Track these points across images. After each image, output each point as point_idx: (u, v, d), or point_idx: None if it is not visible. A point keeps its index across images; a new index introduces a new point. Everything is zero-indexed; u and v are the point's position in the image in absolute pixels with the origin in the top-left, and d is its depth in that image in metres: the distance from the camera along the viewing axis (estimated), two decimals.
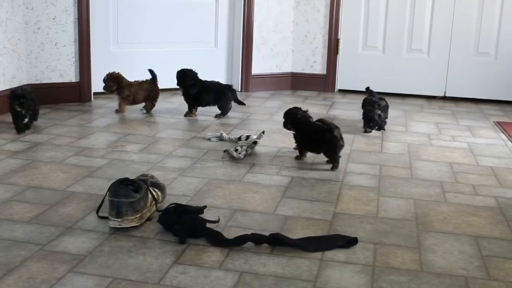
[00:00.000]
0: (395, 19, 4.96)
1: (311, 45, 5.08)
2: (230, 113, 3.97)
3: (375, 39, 5.03)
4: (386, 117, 3.80)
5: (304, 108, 3.12)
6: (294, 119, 3.05)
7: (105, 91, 3.98)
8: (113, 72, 3.96)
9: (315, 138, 2.94)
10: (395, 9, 4.95)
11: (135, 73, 4.55)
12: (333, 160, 2.92)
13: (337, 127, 2.93)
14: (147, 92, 4.02)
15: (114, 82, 3.92)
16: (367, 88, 4.10)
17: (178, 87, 3.99)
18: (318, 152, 2.99)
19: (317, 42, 5.06)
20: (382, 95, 4.92)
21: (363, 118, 3.74)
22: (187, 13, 4.72)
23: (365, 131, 3.69)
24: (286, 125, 3.10)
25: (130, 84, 3.98)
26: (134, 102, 4.01)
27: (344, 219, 2.28)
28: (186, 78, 3.90)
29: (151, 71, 4.06)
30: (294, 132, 3.08)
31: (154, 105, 4.08)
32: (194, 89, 3.88)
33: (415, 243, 2.09)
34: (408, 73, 5.01)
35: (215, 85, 3.94)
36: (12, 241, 1.98)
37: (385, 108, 3.79)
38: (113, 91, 3.94)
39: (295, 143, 3.08)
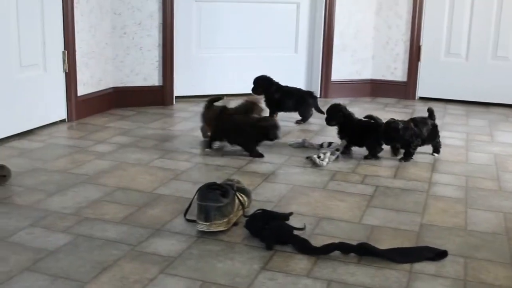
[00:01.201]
0: (480, 25, 4.83)
1: (392, 52, 5.01)
2: (310, 120, 3.97)
3: (458, 45, 4.91)
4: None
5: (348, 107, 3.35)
6: (339, 115, 3.25)
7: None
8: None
9: (360, 132, 3.19)
10: (480, 15, 4.82)
11: (215, 77, 4.63)
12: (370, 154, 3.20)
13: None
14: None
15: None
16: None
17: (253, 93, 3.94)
18: (361, 146, 3.22)
19: (399, 49, 4.99)
20: (465, 103, 4.84)
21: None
22: (268, 18, 4.75)
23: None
24: (330, 121, 3.29)
25: None
26: None
27: (432, 231, 2.23)
28: (268, 83, 3.91)
29: None
30: (338, 128, 3.28)
31: None
32: (277, 95, 3.89)
33: (508, 259, 2.02)
34: (493, 81, 4.86)
35: (296, 91, 3.95)
36: (105, 240, 2.04)
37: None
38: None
39: (340, 139, 3.26)
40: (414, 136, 3.09)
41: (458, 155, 3.33)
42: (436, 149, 3.28)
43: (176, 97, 4.46)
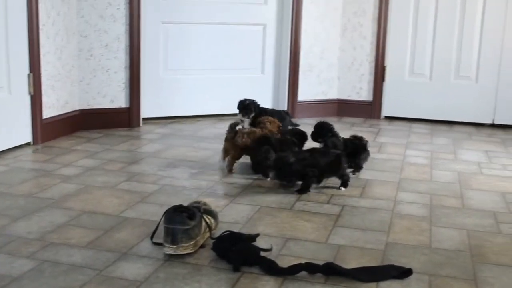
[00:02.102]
0: (443, 45, 4.93)
1: (357, 72, 5.08)
2: None
3: (422, 65, 5.01)
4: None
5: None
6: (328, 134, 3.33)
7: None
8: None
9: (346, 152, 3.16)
10: (442, 35, 4.93)
11: (182, 99, 4.64)
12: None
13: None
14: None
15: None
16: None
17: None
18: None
19: (364, 69, 5.07)
20: (429, 122, 4.93)
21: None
22: (235, 40, 4.78)
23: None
24: (317, 138, 3.36)
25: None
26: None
27: (397, 249, 2.26)
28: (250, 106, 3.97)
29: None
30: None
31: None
32: (253, 114, 3.93)
33: (471, 275, 2.05)
34: (456, 100, 4.96)
35: (274, 110, 4.12)
36: (71, 265, 2.02)
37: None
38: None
39: None
40: (309, 167, 2.86)
41: (422, 173, 3.38)
42: (344, 183, 2.98)
43: (143, 118, 4.45)
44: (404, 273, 2.03)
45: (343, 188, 2.98)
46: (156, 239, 2.21)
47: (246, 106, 3.96)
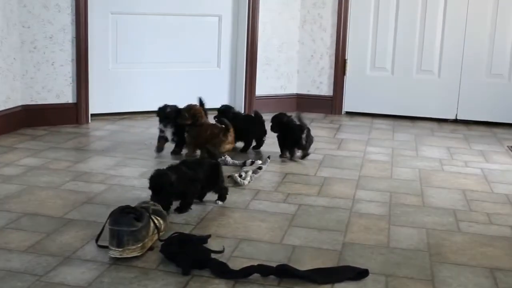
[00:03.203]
0: (404, 39, 5.01)
1: (317, 66, 5.12)
2: None
3: (383, 59, 5.07)
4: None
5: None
6: (280, 123, 3.60)
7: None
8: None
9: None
10: (404, 28, 5.00)
11: (133, 94, 4.60)
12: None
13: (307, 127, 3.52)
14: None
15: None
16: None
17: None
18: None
19: (324, 63, 5.10)
20: (391, 117, 4.99)
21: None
22: (189, 32, 4.76)
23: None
24: (273, 128, 3.62)
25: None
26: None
27: (354, 249, 2.28)
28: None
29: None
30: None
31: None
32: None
33: (429, 275, 2.09)
34: (418, 95, 5.04)
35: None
36: (8, 271, 1.98)
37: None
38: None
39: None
40: (190, 183, 2.57)
41: (383, 170, 3.43)
42: (221, 196, 2.74)
43: (92, 115, 4.39)
44: (360, 274, 2.05)
45: (220, 202, 2.72)
46: (101, 241, 2.19)
47: (168, 115, 3.52)
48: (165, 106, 3.55)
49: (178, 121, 3.48)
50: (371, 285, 2.00)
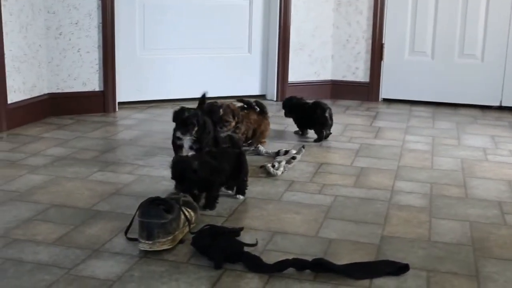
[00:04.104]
0: (446, 21, 4.93)
1: (353, 50, 5.08)
2: None
3: (423, 43, 5.01)
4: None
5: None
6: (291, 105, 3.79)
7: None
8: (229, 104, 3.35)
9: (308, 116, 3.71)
10: (445, 10, 4.92)
11: (161, 81, 4.62)
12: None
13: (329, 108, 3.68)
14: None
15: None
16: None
17: None
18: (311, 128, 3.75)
19: (360, 47, 5.06)
20: (431, 104, 4.94)
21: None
22: (218, 16, 4.76)
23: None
24: (286, 113, 3.83)
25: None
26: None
27: (394, 243, 2.27)
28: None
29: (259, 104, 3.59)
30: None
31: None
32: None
33: (473, 271, 2.06)
34: (460, 81, 4.97)
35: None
36: (36, 264, 2.01)
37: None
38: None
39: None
40: (215, 173, 2.53)
41: (423, 160, 3.39)
42: (241, 189, 2.71)
43: (119, 103, 4.43)
44: (400, 269, 2.03)
45: (241, 197, 2.69)
46: (131, 234, 2.21)
47: (186, 121, 3.02)
48: (182, 110, 3.03)
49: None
50: (411, 280, 1.98)
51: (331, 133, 3.78)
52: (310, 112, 3.72)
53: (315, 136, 3.74)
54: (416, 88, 5.06)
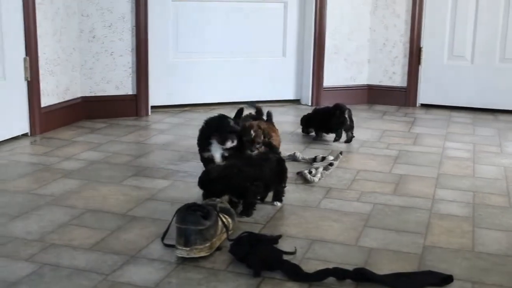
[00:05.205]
0: (486, 24, 4.88)
1: (390, 54, 5.06)
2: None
3: (462, 47, 4.96)
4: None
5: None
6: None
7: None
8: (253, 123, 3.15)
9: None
10: (486, 12, 4.87)
11: (194, 85, 4.65)
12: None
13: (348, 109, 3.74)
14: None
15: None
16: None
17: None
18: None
19: (397, 51, 5.04)
20: (471, 110, 4.89)
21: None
22: (252, 19, 4.78)
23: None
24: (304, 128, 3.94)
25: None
26: None
27: (436, 253, 2.25)
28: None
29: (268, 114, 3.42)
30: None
31: None
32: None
33: None
34: (501, 86, 4.91)
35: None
36: (74, 269, 2.04)
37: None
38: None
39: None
40: (251, 180, 2.52)
41: (464, 168, 3.36)
42: (279, 196, 2.70)
43: (152, 107, 4.47)
44: (444, 280, 2.02)
45: (278, 204, 2.69)
46: (167, 240, 2.22)
47: (234, 130, 2.96)
48: (225, 117, 3.01)
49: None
50: None
51: (354, 136, 3.81)
52: (329, 114, 3.79)
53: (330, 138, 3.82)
54: (455, 93, 5.02)
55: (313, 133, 3.95)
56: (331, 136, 3.82)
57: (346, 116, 3.74)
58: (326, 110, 3.87)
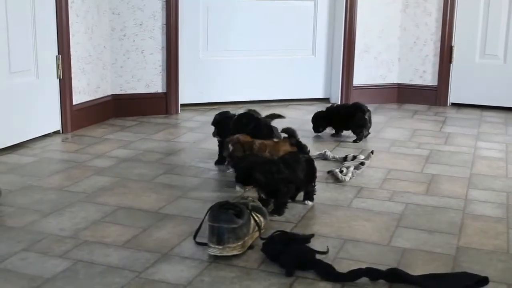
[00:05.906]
0: None
1: (420, 53, 5.02)
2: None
3: (495, 46, 4.90)
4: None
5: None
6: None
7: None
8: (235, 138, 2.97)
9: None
10: None
11: (224, 83, 4.65)
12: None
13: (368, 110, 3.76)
14: None
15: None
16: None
17: None
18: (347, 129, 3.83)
19: (428, 50, 5.00)
20: (503, 110, 4.84)
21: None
22: (282, 17, 4.77)
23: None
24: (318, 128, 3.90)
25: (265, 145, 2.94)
26: None
27: (470, 255, 2.23)
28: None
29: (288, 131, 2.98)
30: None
31: None
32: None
33: None
34: None
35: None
36: (107, 266, 2.05)
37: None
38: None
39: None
40: (285, 182, 2.53)
41: (497, 168, 3.32)
42: (310, 195, 2.71)
43: (182, 105, 4.48)
44: (479, 282, 1.99)
45: (309, 203, 2.69)
46: (199, 238, 2.23)
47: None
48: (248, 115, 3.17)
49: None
50: None
51: (369, 133, 3.87)
52: (349, 114, 3.80)
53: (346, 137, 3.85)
54: (487, 92, 4.96)
55: (319, 133, 3.93)
56: (345, 133, 3.90)
57: (367, 117, 3.77)
58: (346, 109, 3.88)
